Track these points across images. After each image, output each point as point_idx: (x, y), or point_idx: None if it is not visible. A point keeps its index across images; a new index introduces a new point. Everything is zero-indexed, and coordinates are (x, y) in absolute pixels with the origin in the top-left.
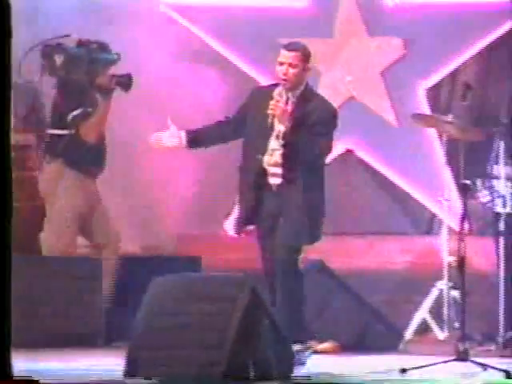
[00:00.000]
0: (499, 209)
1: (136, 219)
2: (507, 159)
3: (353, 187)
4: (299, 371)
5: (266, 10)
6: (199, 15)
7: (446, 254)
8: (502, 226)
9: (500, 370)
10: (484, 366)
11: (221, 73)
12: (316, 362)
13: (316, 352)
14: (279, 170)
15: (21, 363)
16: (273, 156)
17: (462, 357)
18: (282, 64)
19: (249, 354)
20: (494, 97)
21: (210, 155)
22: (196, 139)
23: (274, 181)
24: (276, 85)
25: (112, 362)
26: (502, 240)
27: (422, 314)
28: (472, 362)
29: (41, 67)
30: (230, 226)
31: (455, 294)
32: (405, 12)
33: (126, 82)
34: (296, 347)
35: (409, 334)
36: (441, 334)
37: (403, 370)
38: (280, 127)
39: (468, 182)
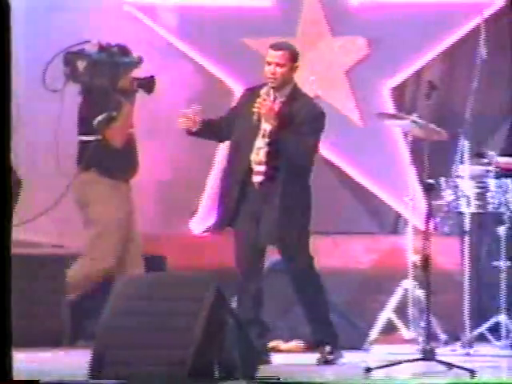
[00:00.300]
0: (464, 208)
1: None
2: (472, 159)
3: (318, 187)
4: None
5: (231, 9)
6: (163, 15)
7: (411, 253)
8: (466, 225)
9: (465, 369)
10: (449, 366)
11: (189, 70)
12: (281, 361)
13: (281, 351)
14: (263, 168)
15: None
16: (258, 154)
17: (428, 356)
18: (269, 64)
19: (214, 353)
20: (458, 96)
21: (176, 155)
22: (200, 129)
23: (257, 179)
24: (265, 84)
25: (77, 362)
26: (466, 239)
27: (388, 313)
28: (438, 361)
29: (64, 74)
30: (194, 225)
31: (420, 293)
32: (369, 12)
33: (148, 84)
34: (327, 349)
35: (374, 333)
36: (406, 334)
37: (368, 370)
38: (266, 126)
39: (432, 181)
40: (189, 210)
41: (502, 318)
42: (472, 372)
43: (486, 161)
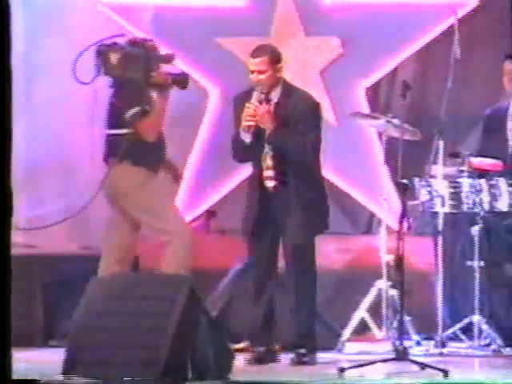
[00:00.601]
0: (438, 208)
1: (74, 218)
2: (446, 159)
3: None
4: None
5: (204, 9)
6: (136, 14)
7: (385, 253)
8: (440, 225)
9: (438, 369)
10: (422, 365)
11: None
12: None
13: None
14: (271, 173)
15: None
16: (266, 160)
17: (401, 356)
18: (252, 72)
19: (187, 353)
20: (433, 96)
21: None
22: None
23: (269, 184)
24: (252, 89)
25: (50, 361)
26: (440, 239)
27: (361, 313)
28: (411, 361)
29: (95, 67)
30: None
31: (394, 293)
32: (343, 12)
33: (182, 80)
34: (301, 351)
35: (347, 333)
36: (379, 334)
37: (342, 369)
38: (267, 130)
39: (406, 181)
40: None
41: (476, 317)
42: (445, 372)
43: (459, 161)
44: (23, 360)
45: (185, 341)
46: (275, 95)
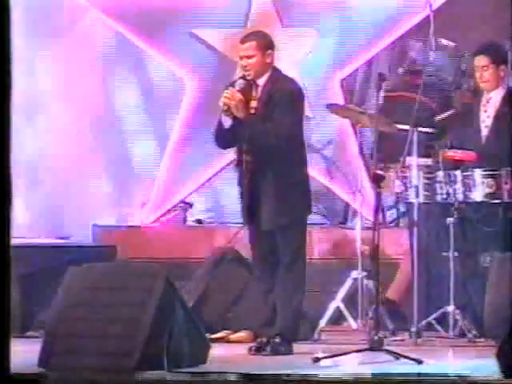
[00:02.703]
0: (412, 199)
1: (50, 208)
2: (420, 150)
3: None
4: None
5: (181, 0)
6: (111, 3)
7: (360, 243)
8: (415, 215)
9: (413, 359)
10: (397, 355)
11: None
12: (231, 351)
13: (230, 342)
14: (247, 157)
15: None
16: (244, 145)
17: (376, 346)
18: (241, 58)
19: (163, 343)
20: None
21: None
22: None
23: (247, 169)
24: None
25: (26, 352)
26: (415, 230)
27: (337, 303)
28: (385, 351)
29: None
30: (145, 215)
31: (370, 283)
32: (319, 3)
33: None
34: (276, 340)
35: (323, 323)
36: (354, 324)
37: (317, 359)
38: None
39: (381, 172)
40: (139, 200)
41: (451, 308)
42: (419, 362)
43: (434, 152)
44: None
45: (161, 331)
46: (262, 80)
